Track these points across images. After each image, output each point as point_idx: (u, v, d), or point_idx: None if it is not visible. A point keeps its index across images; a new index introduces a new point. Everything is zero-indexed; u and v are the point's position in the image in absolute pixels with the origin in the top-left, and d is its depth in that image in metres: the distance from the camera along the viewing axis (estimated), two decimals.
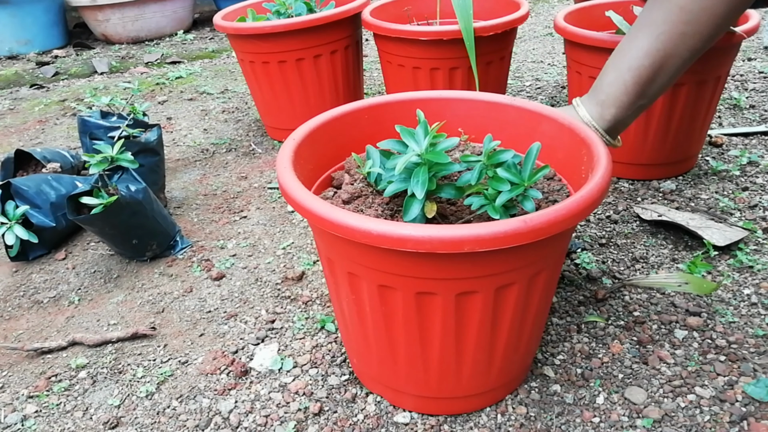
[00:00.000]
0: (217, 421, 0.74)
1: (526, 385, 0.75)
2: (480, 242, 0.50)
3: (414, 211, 0.60)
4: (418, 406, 0.72)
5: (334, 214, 0.54)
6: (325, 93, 1.43)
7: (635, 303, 0.87)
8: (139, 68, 2.27)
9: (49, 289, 1.03)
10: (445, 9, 1.46)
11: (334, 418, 0.73)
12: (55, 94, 2.05)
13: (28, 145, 1.63)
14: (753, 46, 1.87)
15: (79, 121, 1.17)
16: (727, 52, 1.06)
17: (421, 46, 1.22)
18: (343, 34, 1.38)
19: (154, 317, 0.93)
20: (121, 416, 0.76)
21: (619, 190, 1.17)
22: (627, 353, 0.79)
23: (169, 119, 1.73)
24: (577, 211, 0.53)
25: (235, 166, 1.41)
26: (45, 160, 1.20)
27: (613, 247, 1.00)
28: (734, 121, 1.40)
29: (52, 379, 0.83)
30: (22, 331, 0.93)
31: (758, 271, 0.91)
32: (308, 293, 0.95)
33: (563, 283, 0.92)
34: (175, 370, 0.83)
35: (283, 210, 1.20)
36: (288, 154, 0.65)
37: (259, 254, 1.07)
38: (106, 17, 2.60)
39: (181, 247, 1.09)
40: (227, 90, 1.94)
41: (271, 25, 1.30)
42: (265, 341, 0.86)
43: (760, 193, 1.11)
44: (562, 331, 0.83)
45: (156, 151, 1.17)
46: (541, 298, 0.63)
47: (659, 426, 0.68)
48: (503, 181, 0.60)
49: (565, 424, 0.70)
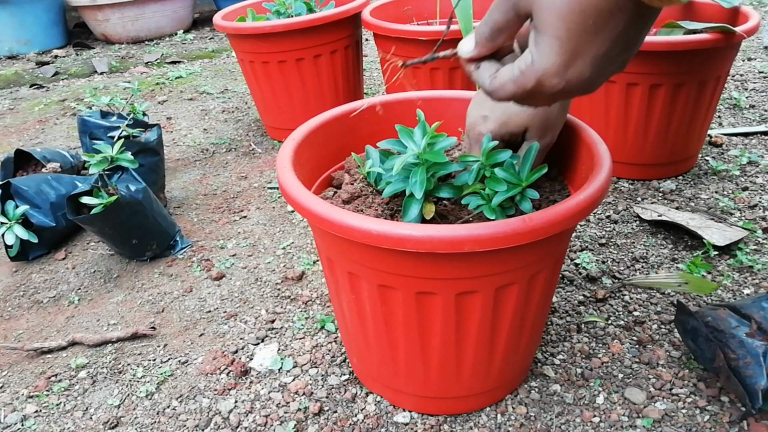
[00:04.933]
0: (217, 421, 0.74)
1: (526, 385, 0.75)
2: (480, 242, 0.50)
3: (413, 212, 0.60)
4: (418, 406, 0.72)
5: (334, 213, 0.54)
6: (325, 93, 1.43)
7: (635, 303, 0.87)
8: (138, 68, 2.27)
9: (49, 289, 1.03)
10: (445, 9, 1.46)
11: (334, 417, 0.73)
12: (55, 94, 2.05)
13: (28, 145, 1.63)
14: (753, 46, 1.87)
15: (79, 120, 1.17)
16: (727, 52, 1.06)
17: (421, 46, 1.22)
18: (343, 34, 1.38)
19: (154, 317, 0.93)
20: (121, 416, 0.76)
21: (619, 189, 1.17)
22: (627, 353, 0.79)
23: (169, 119, 1.73)
24: (576, 211, 0.53)
25: (235, 166, 1.41)
26: (45, 160, 1.20)
27: (613, 247, 1.00)
28: (734, 121, 1.40)
29: (52, 379, 0.83)
30: (22, 331, 0.93)
31: (758, 271, 0.91)
32: (308, 293, 0.95)
33: (563, 283, 0.92)
34: (175, 370, 0.82)
35: (283, 210, 1.20)
36: (288, 154, 0.65)
37: (259, 254, 1.07)
38: (106, 17, 2.60)
39: (181, 247, 1.09)
40: (227, 90, 1.94)
41: (271, 25, 1.30)
42: (265, 341, 0.86)
43: (760, 193, 1.11)
44: (562, 331, 0.83)
45: (156, 151, 1.17)
46: (541, 298, 0.63)
47: (659, 426, 0.68)
48: (500, 181, 0.60)
49: (565, 424, 0.70)
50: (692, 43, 1.00)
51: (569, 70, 0.42)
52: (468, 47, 0.49)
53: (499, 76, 0.47)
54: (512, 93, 0.45)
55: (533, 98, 0.45)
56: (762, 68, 1.68)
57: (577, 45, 0.41)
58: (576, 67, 0.42)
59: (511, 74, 0.45)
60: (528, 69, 0.43)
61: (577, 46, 0.41)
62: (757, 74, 1.65)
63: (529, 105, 0.48)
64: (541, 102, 0.47)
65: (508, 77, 0.45)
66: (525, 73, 0.43)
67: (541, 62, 0.42)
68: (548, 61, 0.42)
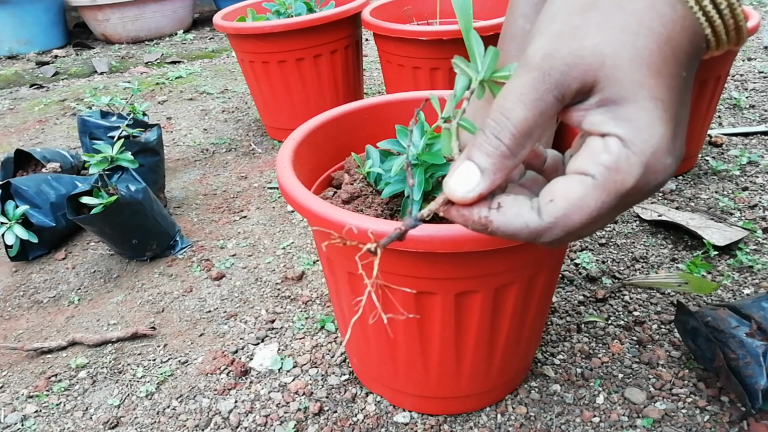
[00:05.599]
0: (217, 421, 0.74)
1: (526, 385, 0.75)
2: (479, 242, 0.50)
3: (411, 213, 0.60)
4: (417, 406, 0.72)
5: (334, 213, 0.54)
6: (325, 93, 1.43)
7: (635, 303, 0.87)
8: (138, 68, 2.27)
9: (49, 289, 1.03)
10: (445, 9, 1.46)
11: (334, 417, 0.73)
12: (54, 94, 2.05)
13: (28, 145, 1.63)
14: (753, 46, 1.87)
15: (78, 120, 1.17)
16: (727, 52, 1.06)
17: (421, 46, 1.22)
18: (343, 34, 1.38)
19: (154, 317, 0.93)
20: (121, 416, 0.76)
21: None
22: (627, 353, 0.79)
23: (169, 119, 1.73)
24: None
25: (235, 166, 1.41)
26: (45, 160, 1.20)
27: (613, 247, 1.00)
28: (734, 120, 1.40)
29: (52, 379, 0.83)
30: (22, 331, 0.93)
31: (758, 271, 0.91)
32: (308, 293, 0.95)
33: (563, 283, 0.92)
34: (175, 370, 0.82)
35: (283, 210, 1.20)
36: (288, 154, 0.65)
37: (259, 254, 1.07)
38: (106, 17, 2.60)
39: (180, 247, 1.09)
40: (227, 90, 1.94)
41: (271, 25, 1.30)
42: (265, 341, 0.86)
43: (760, 192, 1.11)
44: (562, 330, 0.83)
45: (156, 151, 1.17)
46: (540, 297, 0.63)
47: (659, 426, 0.68)
48: None
49: (565, 424, 0.70)
50: None
51: (676, 141, 0.29)
52: (468, 183, 0.31)
53: (560, 196, 0.30)
54: (597, 210, 0.29)
55: (621, 208, 0.30)
56: (762, 68, 1.68)
57: (678, 105, 0.29)
58: (679, 137, 0.29)
59: (585, 182, 0.29)
60: (623, 156, 0.28)
61: (678, 106, 0.29)
62: (757, 74, 1.65)
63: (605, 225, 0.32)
64: (624, 209, 0.31)
65: (581, 189, 0.29)
66: (618, 166, 0.28)
67: (646, 138, 0.28)
68: (656, 134, 0.28)
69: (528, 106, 0.29)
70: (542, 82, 0.29)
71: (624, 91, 0.28)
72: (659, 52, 0.28)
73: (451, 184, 0.31)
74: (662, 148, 0.28)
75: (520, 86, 0.29)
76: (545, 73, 0.29)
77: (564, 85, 0.29)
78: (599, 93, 0.29)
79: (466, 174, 0.31)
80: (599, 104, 0.29)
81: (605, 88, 0.29)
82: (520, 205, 0.31)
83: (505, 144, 0.30)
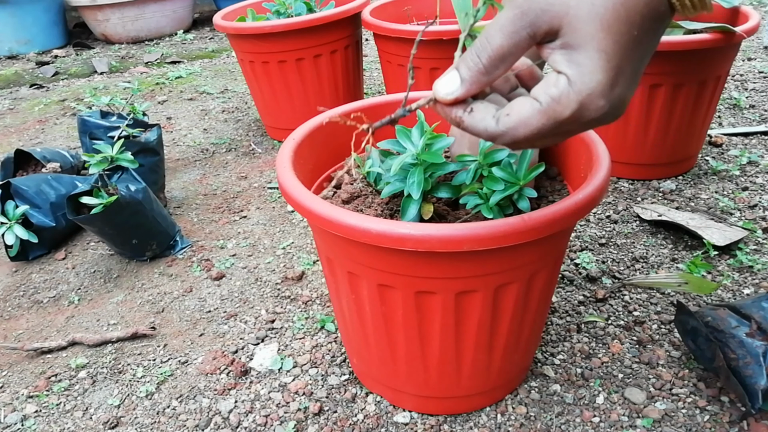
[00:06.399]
0: (217, 421, 0.74)
1: (526, 385, 0.75)
2: (479, 241, 0.50)
3: (411, 212, 0.60)
4: (417, 406, 0.72)
5: (334, 213, 0.54)
6: (325, 93, 1.43)
7: (635, 303, 0.87)
8: (138, 68, 2.27)
9: (49, 289, 1.03)
10: (445, 9, 1.46)
11: (334, 417, 0.73)
12: (54, 94, 2.05)
13: (28, 144, 1.63)
14: (753, 46, 1.87)
15: (78, 120, 1.17)
16: (727, 52, 1.06)
17: (421, 47, 1.22)
18: (343, 34, 1.38)
19: (153, 317, 0.93)
20: (121, 416, 0.76)
21: (619, 189, 1.17)
22: (627, 353, 0.79)
23: (169, 119, 1.73)
24: (575, 210, 0.53)
25: (235, 166, 1.41)
26: (45, 159, 1.20)
27: (613, 247, 1.00)
28: (734, 120, 1.40)
29: (52, 379, 0.83)
30: (22, 331, 0.93)
31: (758, 271, 0.91)
32: (308, 293, 0.95)
33: (563, 283, 0.92)
34: (175, 370, 0.82)
35: (283, 210, 1.20)
36: (288, 154, 0.65)
37: (259, 254, 1.07)
38: (105, 17, 2.60)
39: (180, 247, 1.09)
40: (227, 90, 1.94)
41: (271, 25, 1.30)
42: (265, 341, 0.86)
43: (760, 193, 1.11)
44: (562, 330, 0.83)
45: (156, 151, 1.17)
46: (540, 297, 0.63)
47: (659, 426, 0.68)
48: (498, 181, 0.60)
49: (565, 424, 0.70)
50: (692, 43, 1.00)
51: (614, 89, 0.36)
52: (450, 87, 0.40)
53: (514, 112, 0.38)
54: (537, 129, 0.37)
55: (560, 133, 0.38)
56: (762, 68, 1.68)
57: (622, 59, 0.35)
58: (619, 86, 0.36)
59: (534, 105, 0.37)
60: (565, 92, 0.36)
61: (622, 60, 0.35)
62: (757, 74, 1.65)
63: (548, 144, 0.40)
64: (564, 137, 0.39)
65: (530, 110, 0.37)
66: (560, 98, 0.36)
67: (586, 81, 0.35)
68: (594, 80, 0.35)
69: (506, 36, 0.37)
70: (520, 19, 0.36)
71: (579, 39, 0.35)
72: (613, 11, 0.34)
73: (438, 86, 0.40)
74: (597, 92, 0.36)
75: (503, 19, 0.37)
76: (524, 12, 0.36)
77: (536, 25, 0.36)
78: (562, 37, 0.36)
79: (450, 80, 0.40)
80: (561, 47, 0.36)
81: (566, 34, 0.36)
82: (486, 112, 0.40)
83: (482, 63, 0.38)
